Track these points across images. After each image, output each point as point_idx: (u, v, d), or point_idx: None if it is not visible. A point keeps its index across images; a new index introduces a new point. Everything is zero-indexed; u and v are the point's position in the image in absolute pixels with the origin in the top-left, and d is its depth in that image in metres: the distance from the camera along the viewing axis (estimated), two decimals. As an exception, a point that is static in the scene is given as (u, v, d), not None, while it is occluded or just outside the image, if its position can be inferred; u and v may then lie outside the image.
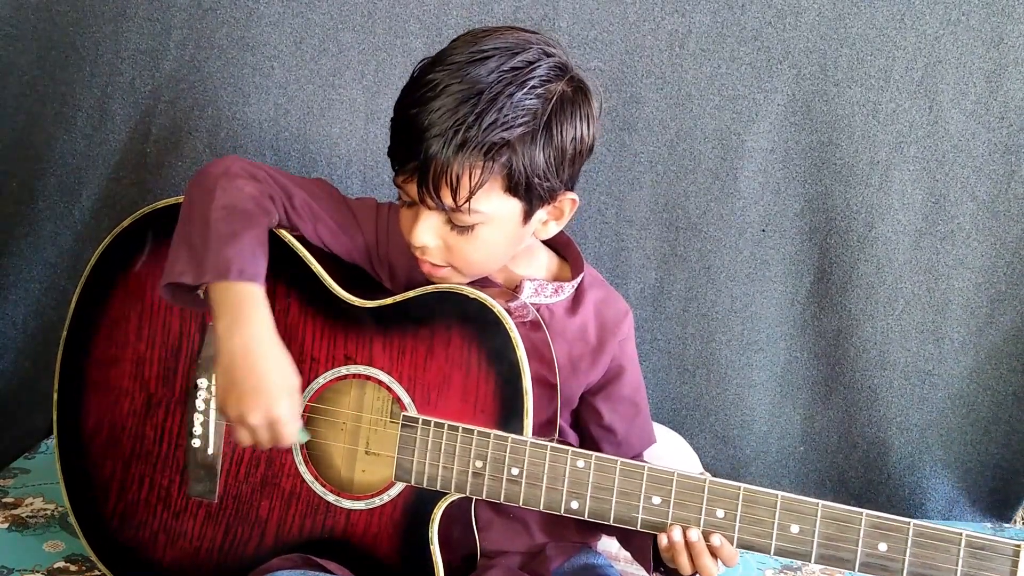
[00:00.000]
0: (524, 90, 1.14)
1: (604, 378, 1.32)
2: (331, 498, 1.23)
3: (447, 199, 1.14)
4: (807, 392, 1.78)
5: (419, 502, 1.20)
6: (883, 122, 1.67)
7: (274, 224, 1.23)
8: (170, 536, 1.28)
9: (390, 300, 1.22)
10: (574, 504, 1.15)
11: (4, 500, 1.53)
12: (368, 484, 1.24)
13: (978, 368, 1.74)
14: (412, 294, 1.22)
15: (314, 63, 1.68)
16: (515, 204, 1.18)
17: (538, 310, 1.26)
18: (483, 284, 1.25)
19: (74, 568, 1.38)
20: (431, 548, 1.19)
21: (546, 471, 1.16)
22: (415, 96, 1.15)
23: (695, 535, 1.12)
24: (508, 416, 1.17)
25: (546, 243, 1.33)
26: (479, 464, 1.17)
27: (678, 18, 1.66)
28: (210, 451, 1.27)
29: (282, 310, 1.23)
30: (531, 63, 1.16)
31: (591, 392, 1.33)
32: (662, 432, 1.51)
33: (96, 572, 1.34)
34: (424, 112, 1.13)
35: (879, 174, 1.68)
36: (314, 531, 1.23)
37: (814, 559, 1.09)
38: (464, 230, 1.18)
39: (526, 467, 1.16)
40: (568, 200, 1.24)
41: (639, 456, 1.35)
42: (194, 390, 1.28)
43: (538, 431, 1.19)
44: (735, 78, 1.67)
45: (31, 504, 1.52)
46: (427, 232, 1.18)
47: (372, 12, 1.67)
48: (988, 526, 1.77)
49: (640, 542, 1.23)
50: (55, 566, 1.38)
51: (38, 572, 1.37)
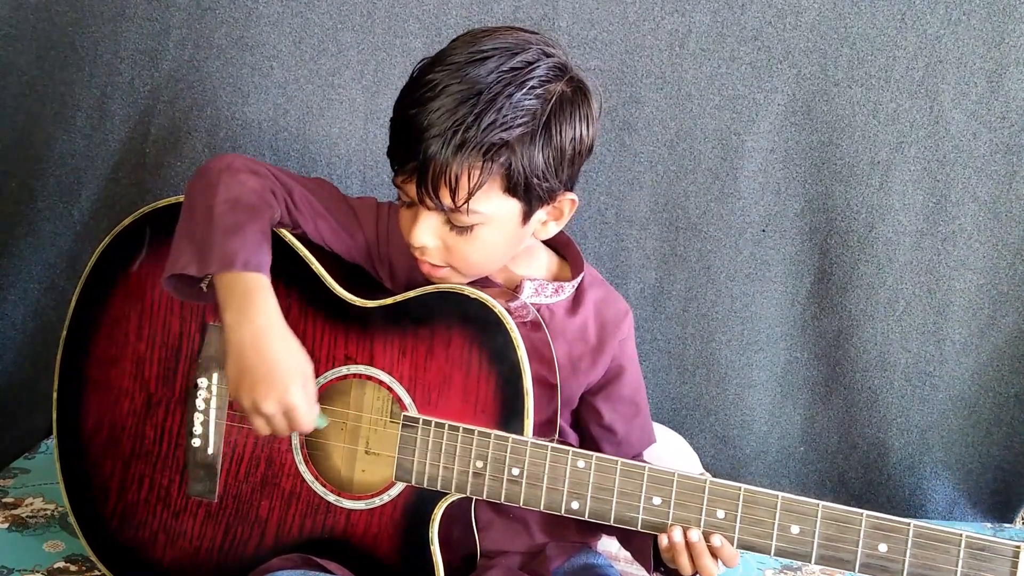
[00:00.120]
0: (523, 90, 1.14)
1: (604, 378, 1.32)
2: (331, 498, 1.23)
3: (446, 199, 1.14)
4: (807, 392, 1.78)
5: (419, 502, 1.20)
6: (884, 122, 1.67)
7: (276, 218, 1.23)
8: (170, 536, 1.28)
9: (391, 300, 1.22)
10: (574, 504, 1.15)
11: (4, 500, 1.53)
12: (368, 484, 1.24)
13: (979, 369, 1.74)
14: (413, 294, 1.22)
15: (313, 63, 1.68)
16: (514, 204, 1.18)
17: (538, 310, 1.26)
18: (483, 284, 1.25)
19: (74, 568, 1.38)
20: (431, 548, 1.19)
21: (547, 471, 1.16)
22: (414, 96, 1.15)
23: (696, 535, 1.12)
24: (509, 416, 1.17)
25: (546, 243, 1.33)
26: (479, 464, 1.17)
27: (678, 18, 1.66)
28: (210, 451, 1.27)
29: (282, 309, 1.22)
30: (530, 63, 1.16)
31: (591, 392, 1.33)
32: (662, 432, 1.51)
33: (96, 572, 1.34)
34: (423, 112, 1.13)
35: (880, 174, 1.68)
36: (314, 531, 1.23)
37: (814, 560, 1.09)
38: (463, 230, 1.18)
39: (527, 467, 1.16)
40: (567, 200, 1.24)
41: (639, 456, 1.35)
42: (194, 390, 1.27)
43: (538, 431, 1.19)
44: (735, 78, 1.67)
45: (31, 504, 1.52)
46: (426, 232, 1.18)
47: (371, 12, 1.66)
48: (988, 527, 1.77)
49: (640, 542, 1.23)
50: (55, 566, 1.38)
51: (38, 572, 1.37)
